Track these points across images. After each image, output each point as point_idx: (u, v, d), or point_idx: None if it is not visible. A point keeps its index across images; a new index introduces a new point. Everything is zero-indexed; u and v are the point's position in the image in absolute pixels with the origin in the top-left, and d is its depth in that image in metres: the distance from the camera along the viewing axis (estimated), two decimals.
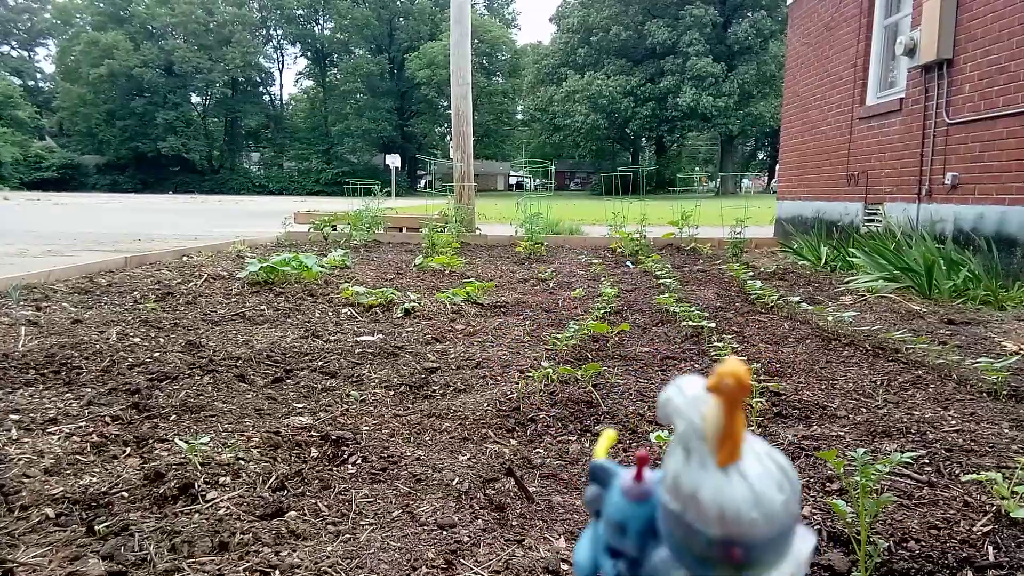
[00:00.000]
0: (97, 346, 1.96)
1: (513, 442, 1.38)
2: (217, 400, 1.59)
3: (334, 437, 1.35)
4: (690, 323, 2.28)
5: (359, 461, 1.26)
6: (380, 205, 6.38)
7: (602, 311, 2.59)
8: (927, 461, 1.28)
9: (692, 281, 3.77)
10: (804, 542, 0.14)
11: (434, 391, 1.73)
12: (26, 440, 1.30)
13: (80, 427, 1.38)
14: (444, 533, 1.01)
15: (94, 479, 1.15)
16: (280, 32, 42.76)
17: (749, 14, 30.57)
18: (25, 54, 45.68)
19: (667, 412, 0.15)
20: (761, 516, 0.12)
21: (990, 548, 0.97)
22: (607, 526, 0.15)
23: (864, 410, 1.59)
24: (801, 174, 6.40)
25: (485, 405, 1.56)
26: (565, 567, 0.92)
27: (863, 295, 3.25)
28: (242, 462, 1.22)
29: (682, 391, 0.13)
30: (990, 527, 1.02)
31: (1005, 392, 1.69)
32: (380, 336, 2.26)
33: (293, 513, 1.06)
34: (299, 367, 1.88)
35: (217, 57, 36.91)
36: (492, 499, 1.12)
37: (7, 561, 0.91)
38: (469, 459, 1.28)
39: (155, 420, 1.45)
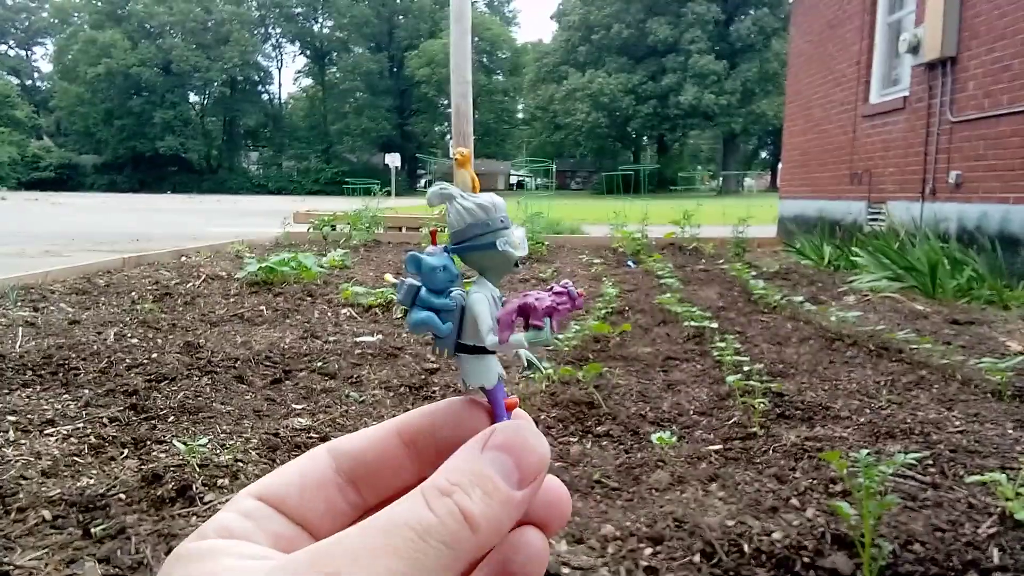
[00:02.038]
0: (95, 347, 1.95)
1: None
2: (215, 401, 1.58)
3: (333, 438, 1.33)
4: (692, 323, 2.27)
5: None
6: (379, 205, 6.37)
7: (604, 311, 2.58)
8: (931, 462, 1.27)
9: (694, 281, 3.76)
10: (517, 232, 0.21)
11: (434, 392, 1.72)
12: (23, 442, 1.29)
13: (78, 428, 1.37)
14: None
15: (91, 481, 1.14)
16: (279, 30, 42.70)
17: (751, 11, 30.50)
18: (23, 53, 45.65)
19: (439, 196, 0.21)
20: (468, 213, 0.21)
21: (995, 550, 0.96)
22: (428, 280, 0.21)
23: (867, 411, 1.57)
24: (804, 173, 6.39)
25: None
26: (566, 570, 0.91)
27: (866, 295, 3.24)
28: (241, 463, 1.21)
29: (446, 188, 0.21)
30: (995, 529, 1.01)
31: (1009, 392, 1.68)
32: (379, 337, 2.25)
33: None
34: (298, 368, 1.87)
35: (215, 56, 36.86)
36: None
37: (4, 563, 0.90)
38: None
39: (153, 421, 1.44)
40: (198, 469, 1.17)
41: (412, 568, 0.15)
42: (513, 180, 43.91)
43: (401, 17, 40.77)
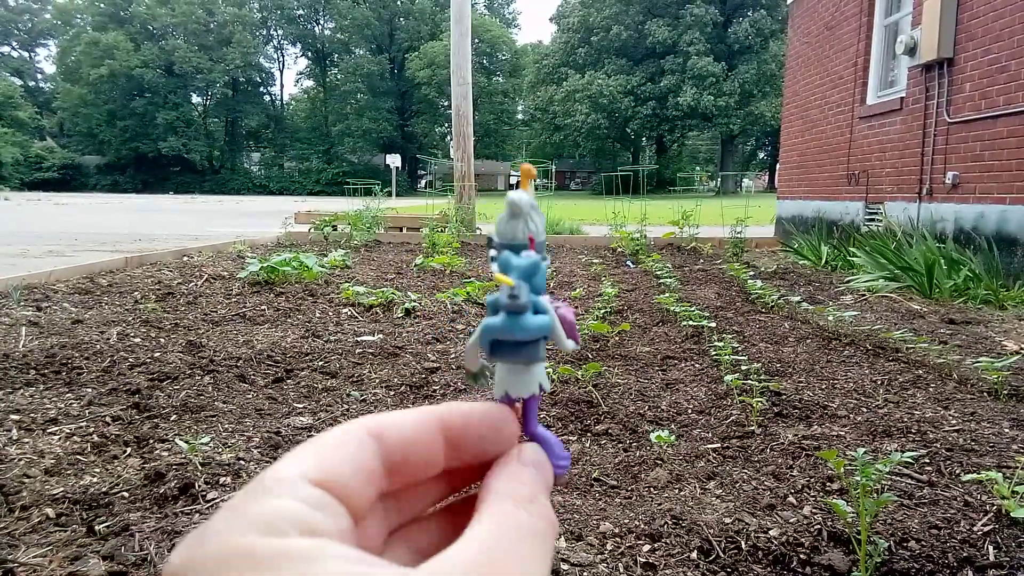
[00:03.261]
0: (97, 346, 1.96)
1: None
2: (217, 400, 1.59)
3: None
4: (690, 323, 2.28)
5: None
6: (380, 205, 6.39)
7: (602, 311, 2.59)
8: (927, 461, 1.28)
9: (692, 281, 3.77)
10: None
11: (435, 391, 1.73)
12: (27, 440, 1.30)
13: (80, 427, 1.38)
14: None
15: (94, 479, 1.15)
16: (280, 32, 42.77)
17: (749, 13, 30.54)
18: (26, 54, 45.73)
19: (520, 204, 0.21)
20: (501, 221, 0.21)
21: (990, 548, 0.97)
22: (537, 286, 0.20)
23: (864, 410, 1.58)
24: (802, 173, 6.40)
25: None
26: (565, 567, 0.92)
27: (864, 294, 3.25)
28: (243, 462, 1.22)
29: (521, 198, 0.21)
30: (990, 527, 1.02)
31: (1006, 392, 1.69)
32: (380, 336, 2.27)
33: None
34: (299, 367, 1.89)
35: (217, 57, 36.92)
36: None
37: (8, 561, 0.91)
38: None
39: (155, 420, 1.45)
40: (200, 467, 1.18)
41: (543, 571, 0.16)
42: (513, 181, 43.93)
43: (402, 19, 40.84)
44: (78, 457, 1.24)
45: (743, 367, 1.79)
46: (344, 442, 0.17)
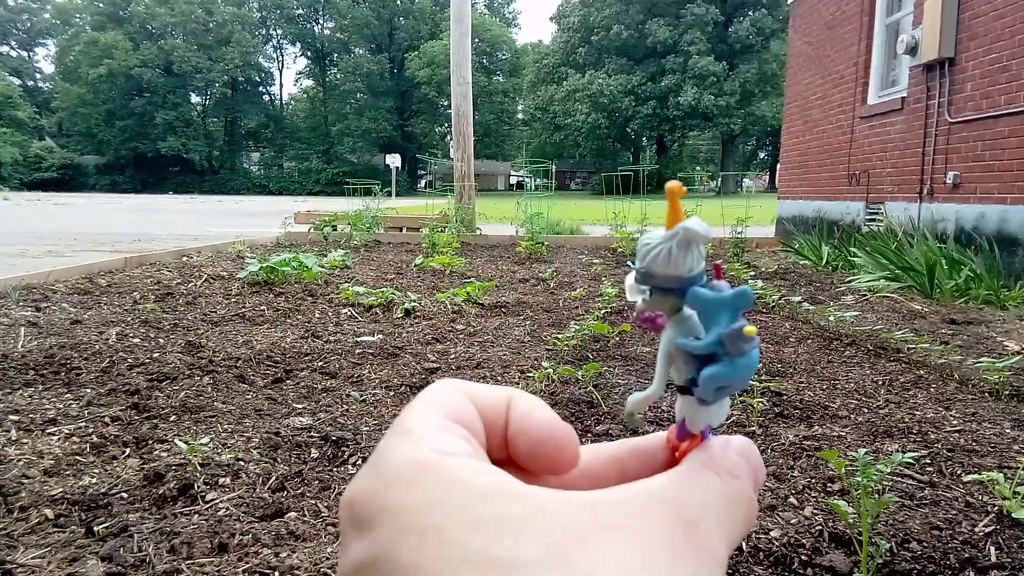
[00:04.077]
0: (97, 347, 1.96)
1: None
2: (217, 400, 1.59)
3: (334, 438, 1.34)
4: None
5: (359, 462, 1.26)
6: (380, 205, 6.38)
7: (603, 311, 2.59)
8: (929, 461, 1.27)
9: None
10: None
11: None
12: (25, 441, 1.30)
13: (79, 428, 1.37)
14: None
15: (93, 480, 1.15)
16: (280, 32, 42.76)
17: (750, 13, 30.54)
18: (24, 54, 45.72)
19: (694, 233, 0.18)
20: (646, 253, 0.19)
21: (992, 549, 0.97)
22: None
23: (866, 410, 1.58)
24: (802, 173, 6.40)
25: None
26: None
27: (864, 295, 3.25)
28: (242, 463, 1.21)
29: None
30: (992, 528, 1.02)
31: (1007, 392, 1.69)
32: (380, 336, 2.26)
33: (293, 514, 1.06)
34: (299, 367, 1.88)
35: (217, 57, 36.92)
36: None
37: (6, 562, 0.90)
38: None
39: (155, 421, 1.45)
40: (199, 468, 1.17)
41: (732, 542, 0.15)
42: (513, 181, 43.94)
43: (401, 19, 40.84)
44: (77, 458, 1.23)
45: None
46: (455, 393, 0.18)
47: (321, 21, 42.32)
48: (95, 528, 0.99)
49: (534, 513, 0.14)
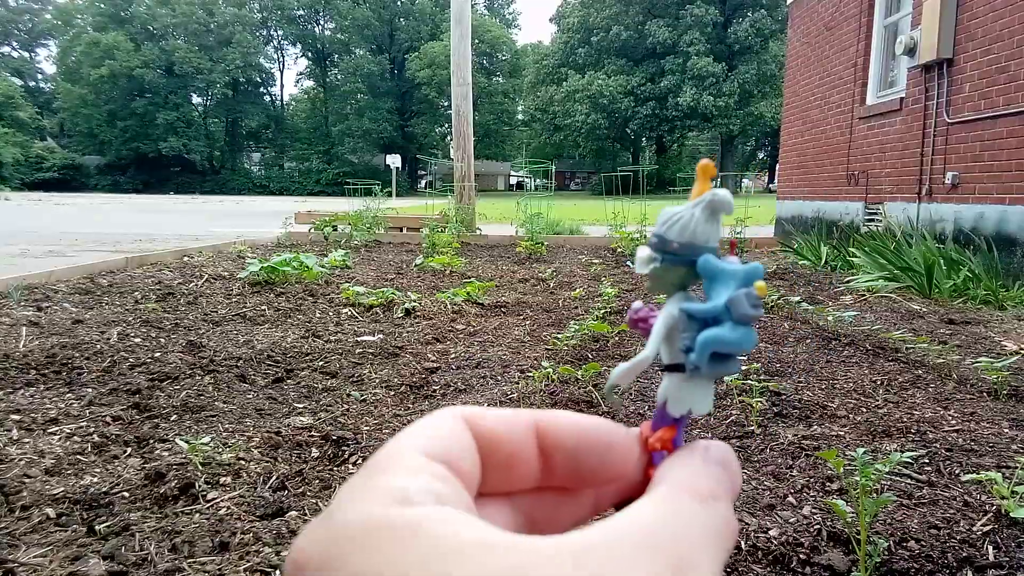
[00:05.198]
0: (98, 346, 1.96)
1: None
2: (218, 400, 1.59)
3: (335, 437, 1.35)
4: None
5: (360, 461, 1.27)
6: (381, 205, 6.39)
7: (602, 311, 2.59)
8: (927, 461, 1.28)
9: None
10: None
11: (434, 391, 1.73)
12: (27, 440, 1.30)
13: (81, 427, 1.38)
14: None
15: (95, 479, 1.16)
16: (281, 32, 42.79)
17: (749, 14, 30.56)
18: (26, 55, 45.76)
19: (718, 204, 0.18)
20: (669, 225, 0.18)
21: (990, 548, 0.97)
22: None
23: (864, 410, 1.58)
24: (801, 174, 6.40)
25: (485, 405, 1.56)
26: None
27: (863, 295, 3.25)
28: (243, 462, 1.22)
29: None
30: (990, 527, 1.02)
31: (1005, 392, 1.69)
32: (380, 336, 2.27)
33: (294, 513, 1.07)
34: (300, 367, 1.89)
35: (218, 58, 36.95)
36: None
37: (8, 561, 0.91)
38: None
39: (156, 420, 1.45)
40: (200, 467, 1.18)
41: (720, 568, 0.14)
42: (513, 181, 43.94)
43: (402, 19, 40.86)
44: (78, 457, 1.24)
45: (742, 367, 1.80)
46: (447, 422, 0.16)
47: (322, 22, 42.36)
48: (96, 527, 1.00)
49: (512, 566, 0.12)
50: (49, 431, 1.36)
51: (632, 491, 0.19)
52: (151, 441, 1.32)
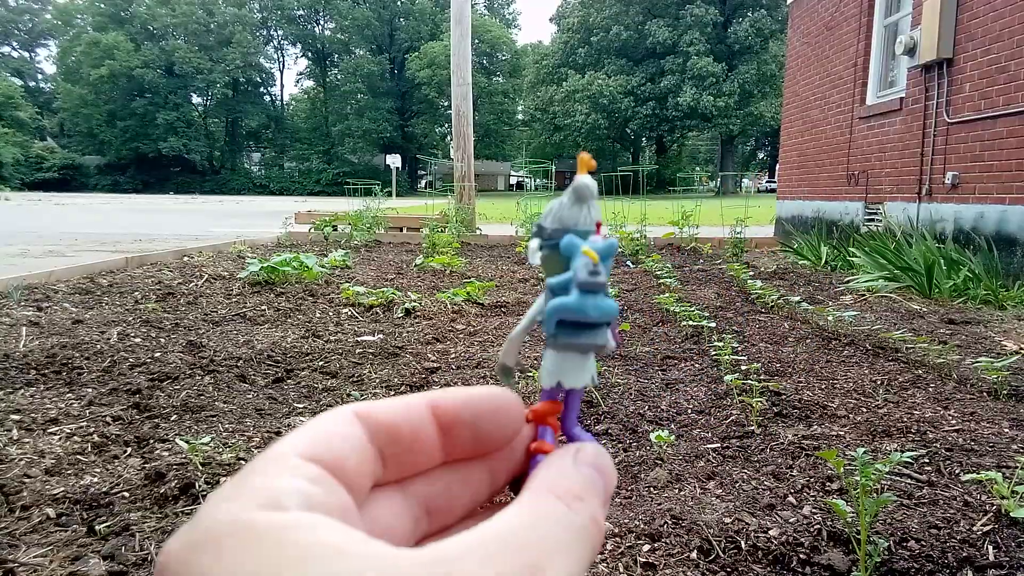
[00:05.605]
0: (98, 346, 1.96)
1: None
2: (218, 400, 1.59)
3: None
4: (690, 323, 2.28)
5: None
6: (381, 205, 6.39)
7: None
8: (927, 461, 1.28)
9: (692, 281, 3.77)
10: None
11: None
12: (27, 440, 1.30)
13: (81, 427, 1.38)
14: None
15: (95, 479, 1.16)
16: (280, 32, 42.79)
17: (749, 13, 30.55)
18: (26, 55, 45.76)
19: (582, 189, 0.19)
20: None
21: (990, 548, 0.97)
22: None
23: (864, 410, 1.58)
24: (801, 174, 6.40)
25: None
26: None
27: (863, 295, 3.25)
28: (243, 462, 1.22)
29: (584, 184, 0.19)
30: (990, 527, 1.02)
31: (1005, 392, 1.69)
32: (381, 336, 2.27)
33: None
34: (300, 367, 1.89)
35: (218, 58, 36.96)
36: (492, 500, 1.12)
37: (8, 561, 0.91)
38: None
39: (156, 420, 1.45)
40: (200, 467, 1.18)
41: (578, 572, 0.14)
42: (513, 181, 43.92)
43: (402, 19, 40.86)
44: (78, 457, 1.24)
45: (743, 367, 1.80)
46: (333, 422, 0.17)
47: (322, 22, 42.36)
48: (97, 527, 1.00)
49: (360, 572, 0.12)
50: (49, 431, 1.36)
51: (522, 467, 0.20)
52: (151, 441, 1.32)
